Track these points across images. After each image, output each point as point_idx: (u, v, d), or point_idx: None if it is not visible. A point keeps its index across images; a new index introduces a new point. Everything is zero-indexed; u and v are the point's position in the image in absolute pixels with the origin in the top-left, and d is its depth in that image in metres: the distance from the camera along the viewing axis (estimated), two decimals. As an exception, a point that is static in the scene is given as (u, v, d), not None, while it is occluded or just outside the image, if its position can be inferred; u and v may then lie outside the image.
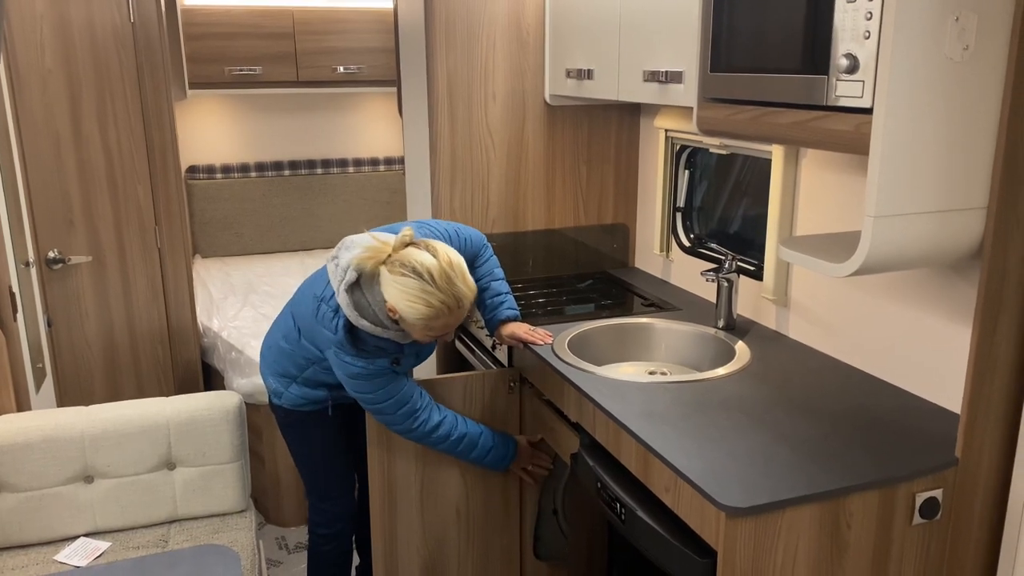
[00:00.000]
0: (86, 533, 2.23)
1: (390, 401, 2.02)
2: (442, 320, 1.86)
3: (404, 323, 1.89)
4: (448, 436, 2.09)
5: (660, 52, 2.01)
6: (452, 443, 2.10)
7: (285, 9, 4.04)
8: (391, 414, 2.04)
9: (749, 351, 2.04)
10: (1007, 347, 1.46)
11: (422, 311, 1.83)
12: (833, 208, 1.95)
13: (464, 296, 1.87)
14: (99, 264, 3.01)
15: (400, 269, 1.83)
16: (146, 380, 3.15)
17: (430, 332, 1.90)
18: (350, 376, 1.99)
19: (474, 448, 2.14)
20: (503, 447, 2.20)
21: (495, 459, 2.19)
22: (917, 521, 1.49)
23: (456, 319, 1.89)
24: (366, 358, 1.96)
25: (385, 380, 2.00)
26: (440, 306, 1.83)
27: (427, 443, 2.10)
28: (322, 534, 2.34)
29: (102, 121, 2.92)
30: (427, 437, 2.08)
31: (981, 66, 1.32)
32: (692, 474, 1.45)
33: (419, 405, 2.06)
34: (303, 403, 2.20)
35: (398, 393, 2.02)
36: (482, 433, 2.16)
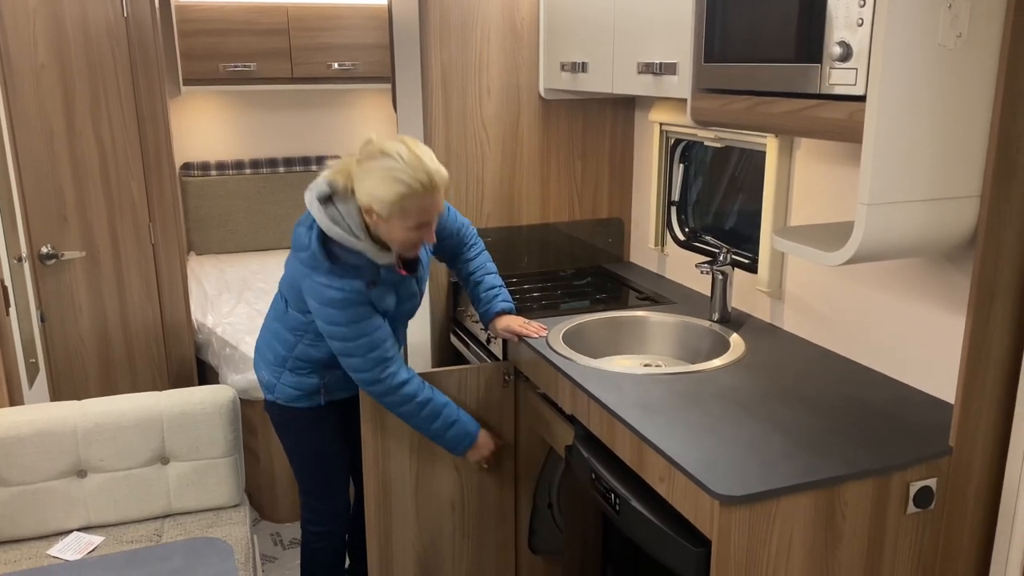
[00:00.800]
0: (79, 528, 2.23)
1: (361, 341, 1.93)
2: (417, 202, 1.82)
3: (381, 218, 1.85)
4: (413, 397, 2.01)
5: (654, 44, 2.01)
6: (416, 406, 2.02)
7: (279, 5, 4.03)
8: (360, 357, 1.95)
9: (744, 343, 2.04)
10: (1000, 336, 1.46)
11: (396, 189, 1.81)
12: (827, 199, 1.95)
13: (435, 173, 1.84)
14: (92, 260, 3.00)
15: (368, 159, 1.84)
16: (140, 376, 3.14)
17: (407, 224, 1.85)
18: (323, 303, 1.91)
19: (436, 418, 2.05)
20: (466, 427, 2.11)
21: (455, 437, 2.10)
22: (911, 510, 1.49)
23: (432, 204, 1.85)
24: (340, 278, 1.90)
25: (359, 312, 1.92)
26: (413, 183, 1.81)
27: (391, 401, 2.01)
28: (314, 532, 2.32)
29: (95, 117, 2.91)
30: (392, 393, 1.99)
31: (974, 53, 1.32)
32: (686, 463, 1.45)
33: (390, 355, 1.98)
34: (296, 396, 2.16)
35: (371, 333, 1.94)
36: (447, 405, 2.08)
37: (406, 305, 2.10)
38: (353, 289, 1.91)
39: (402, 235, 1.88)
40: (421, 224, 1.88)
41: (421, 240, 1.92)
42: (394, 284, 2.02)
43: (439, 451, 2.24)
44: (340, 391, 2.18)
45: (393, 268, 1.97)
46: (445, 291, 2.70)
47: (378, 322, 1.96)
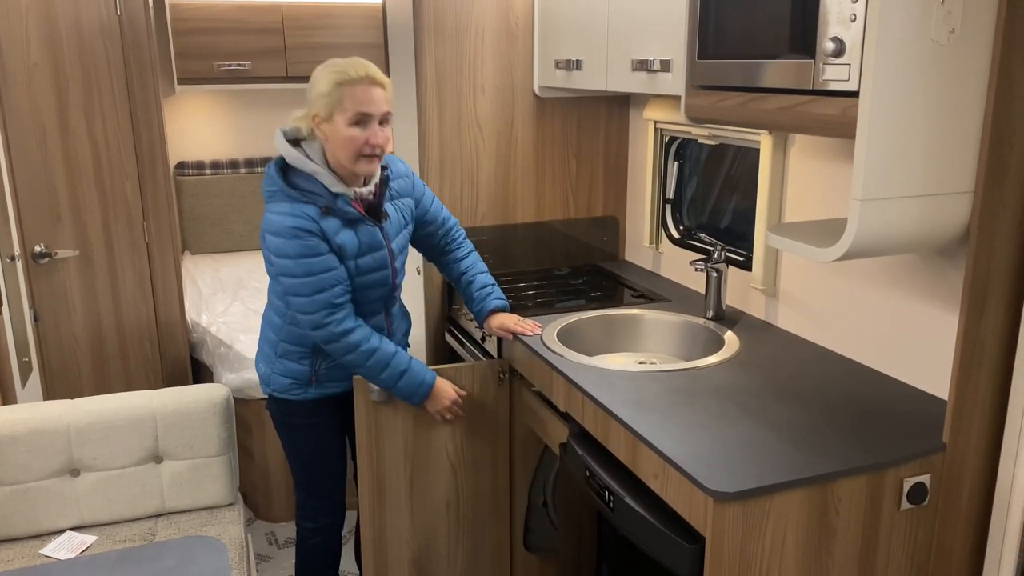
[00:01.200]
0: (72, 527, 2.22)
1: (309, 279, 1.90)
2: (352, 91, 1.86)
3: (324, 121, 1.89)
4: (358, 346, 1.97)
5: (648, 41, 2.01)
6: (361, 355, 1.98)
7: (274, 4, 4.03)
8: (306, 296, 1.92)
9: (738, 340, 2.03)
10: (994, 333, 1.46)
11: (332, 78, 1.88)
12: (821, 196, 1.95)
13: (367, 66, 1.90)
14: (86, 259, 2.99)
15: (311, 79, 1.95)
16: (134, 375, 3.13)
17: (346, 117, 1.87)
18: (275, 233, 1.90)
19: (384, 368, 2.01)
20: (418, 376, 2.07)
21: (408, 387, 2.06)
22: (905, 506, 1.49)
23: (368, 96, 1.88)
24: (292, 203, 1.91)
25: (309, 244, 1.89)
26: (347, 70, 1.88)
27: (335, 349, 1.98)
28: (308, 528, 2.31)
29: (89, 116, 2.90)
30: (336, 340, 1.96)
31: (967, 49, 1.33)
32: (680, 460, 1.45)
33: (338, 301, 1.95)
34: (289, 385, 2.12)
35: (318, 272, 1.91)
36: (396, 354, 2.03)
37: (368, 259, 2.01)
38: (304, 215, 1.90)
39: (345, 134, 1.88)
40: (360, 117, 1.88)
41: (367, 143, 1.89)
42: (353, 224, 1.97)
43: (434, 450, 2.24)
44: (333, 382, 2.14)
45: (349, 202, 1.95)
46: (440, 289, 2.70)
47: (330, 263, 1.93)
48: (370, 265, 2.02)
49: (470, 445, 2.28)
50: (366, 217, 1.99)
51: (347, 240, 1.96)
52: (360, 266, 2.00)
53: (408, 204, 2.16)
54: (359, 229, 1.99)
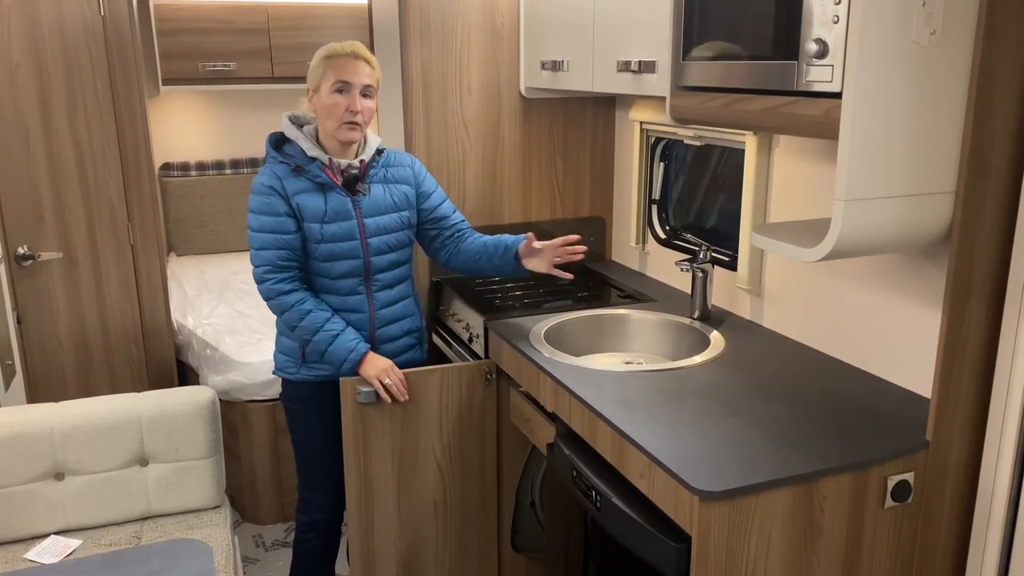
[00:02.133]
0: (57, 531, 2.20)
1: (259, 235, 2.05)
2: (336, 62, 2.03)
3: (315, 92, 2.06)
4: (291, 306, 2.07)
5: (633, 42, 2.02)
6: (295, 314, 2.07)
7: (259, 4, 4.01)
8: (254, 249, 2.07)
9: (724, 340, 2.04)
10: (976, 331, 1.47)
11: (321, 53, 2.07)
12: (805, 196, 1.97)
13: (355, 44, 2.07)
14: (70, 261, 2.97)
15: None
16: (119, 378, 3.11)
17: (329, 85, 2.02)
18: (252, 189, 2.08)
19: (316, 331, 2.07)
20: (349, 343, 2.09)
21: (338, 351, 2.08)
22: (889, 504, 1.50)
23: (351, 66, 2.03)
24: (271, 163, 2.08)
25: (269, 202, 2.04)
26: (334, 46, 2.06)
27: (272, 306, 2.10)
28: (302, 521, 2.33)
29: (72, 116, 2.87)
30: (274, 296, 2.08)
31: (948, 51, 1.34)
32: (666, 459, 1.46)
33: (282, 263, 2.06)
34: (284, 362, 2.21)
35: (268, 231, 2.04)
36: (330, 319, 2.09)
37: (335, 227, 2.08)
38: (271, 171, 2.07)
39: (328, 100, 2.03)
40: (341, 85, 2.02)
41: (348, 110, 2.02)
42: (324, 188, 2.08)
43: (421, 450, 2.24)
44: (319, 363, 2.16)
45: (320, 167, 2.07)
46: (427, 289, 2.70)
47: (282, 225, 2.04)
48: (336, 232, 2.09)
49: (457, 445, 2.28)
50: (337, 185, 2.09)
51: (310, 202, 2.07)
52: (326, 232, 2.08)
53: (404, 191, 2.19)
54: (329, 195, 2.09)
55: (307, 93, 2.11)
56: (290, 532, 3.12)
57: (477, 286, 2.58)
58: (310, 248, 2.09)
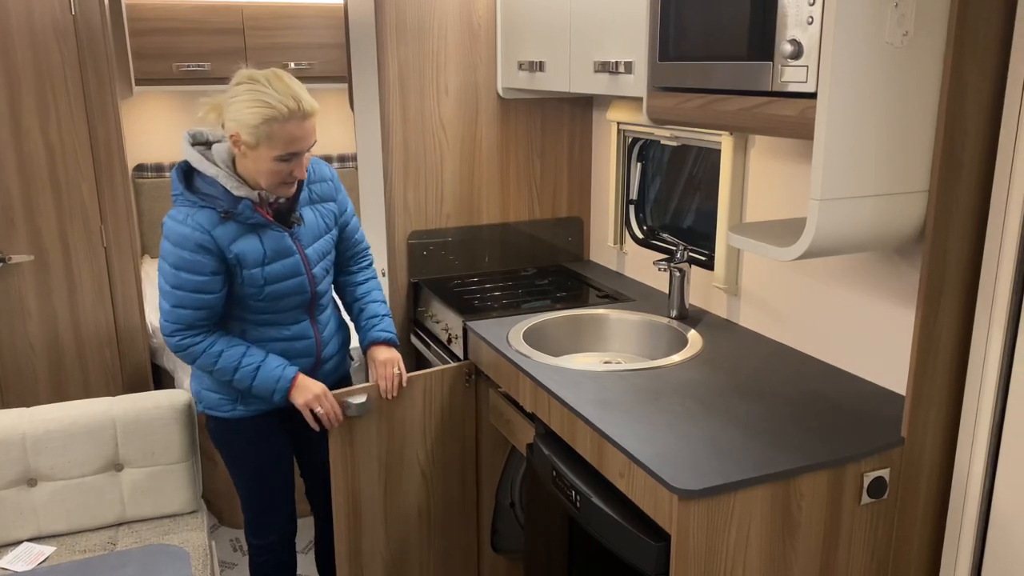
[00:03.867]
0: (30, 537, 2.17)
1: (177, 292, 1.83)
2: (283, 127, 1.76)
3: (248, 147, 1.79)
4: (202, 352, 1.90)
5: (610, 43, 2.02)
6: (206, 358, 1.91)
7: (234, 4, 3.97)
8: (168, 306, 1.86)
9: (701, 339, 2.06)
10: (949, 329, 1.49)
11: (262, 112, 1.75)
12: (781, 196, 1.98)
13: (302, 98, 1.79)
14: (42, 263, 2.92)
15: (235, 86, 1.81)
16: (93, 382, 3.07)
17: (274, 153, 1.79)
18: (166, 236, 1.83)
19: (235, 370, 1.92)
20: (272, 372, 1.94)
21: (263, 384, 1.93)
22: (865, 500, 1.52)
23: (301, 132, 1.79)
24: (188, 206, 1.84)
25: (188, 259, 1.81)
26: (279, 106, 1.75)
27: (183, 357, 1.92)
28: (255, 544, 2.21)
29: (43, 117, 2.83)
30: (183, 350, 1.90)
31: (920, 52, 1.35)
32: (645, 458, 1.46)
33: (199, 324, 1.87)
34: (217, 401, 2.03)
35: (189, 291, 1.83)
36: (245, 353, 1.93)
37: (278, 266, 1.91)
38: (196, 224, 1.82)
39: (270, 166, 1.81)
40: (289, 154, 1.81)
41: (290, 174, 1.84)
42: (258, 228, 1.89)
43: (407, 458, 2.21)
44: (260, 398, 2.00)
45: (252, 206, 1.85)
46: (405, 291, 2.69)
47: (206, 286, 1.84)
48: (280, 272, 1.93)
49: (440, 449, 2.27)
50: (272, 222, 1.91)
51: (247, 248, 1.88)
52: (268, 274, 1.91)
53: (331, 209, 2.06)
54: (264, 235, 1.90)
55: (231, 136, 1.81)
56: (268, 536, 3.10)
57: (456, 287, 2.58)
58: (249, 292, 1.91)
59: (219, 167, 1.86)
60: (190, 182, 1.88)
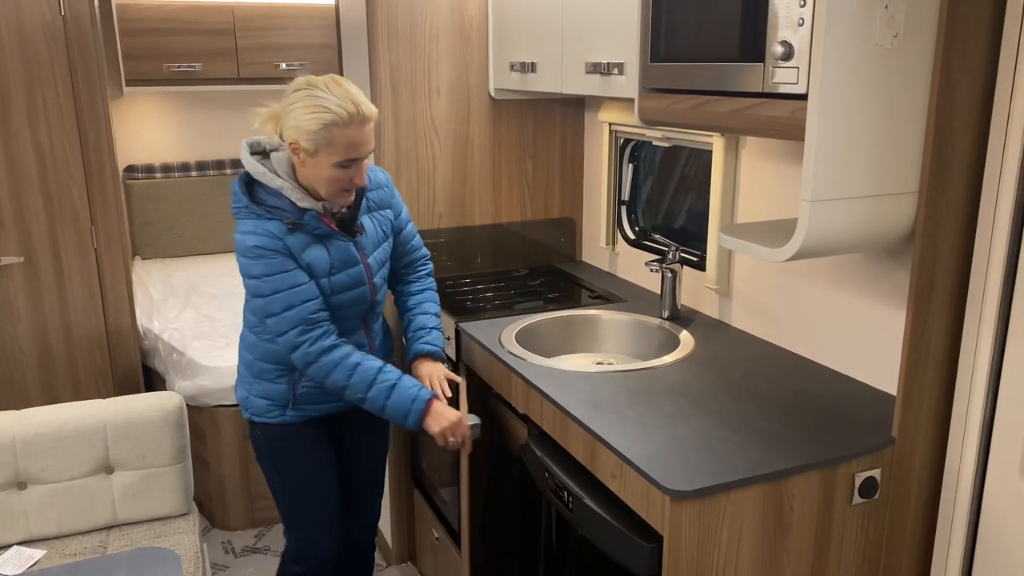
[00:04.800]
0: (20, 541, 2.16)
1: (278, 296, 1.80)
2: (343, 132, 1.74)
3: (307, 154, 1.77)
4: (336, 364, 1.84)
5: (602, 44, 2.02)
6: (342, 371, 1.84)
7: (225, 5, 3.97)
8: (277, 315, 1.81)
9: (693, 340, 2.06)
10: (939, 329, 1.50)
11: (321, 118, 1.73)
12: (772, 197, 1.98)
13: (361, 102, 1.77)
14: (31, 265, 2.91)
15: (293, 92, 1.79)
16: (84, 385, 3.06)
17: (334, 159, 1.76)
18: (242, 252, 1.81)
19: (370, 384, 1.85)
20: (408, 391, 1.87)
21: (399, 403, 1.86)
22: (857, 500, 1.52)
23: (360, 138, 1.77)
24: (256, 219, 1.81)
25: (275, 262, 1.80)
26: (339, 111, 1.73)
27: (316, 370, 1.84)
28: (293, 572, 2.10)
29: (32, 118, 2.82)
30: (315, 359, 1.83)
31: (910, 53, 1.36)
32: (637, 459, 1.46)
33: (313, 316, 1.82)
34: (266, 407, 1.99)
35: (287, 288, 1.80)
36: (381, 370, 1.86)
37: (343, 276, 1.89)
38: (268, 232, 1.80)
39: (329, 173, 1.78)
40: (349, 160, 1.78)
41: (350, 181, 1.81)
42: (324, 239, 1.87)
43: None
44: (313, 404, 1.99)
45: (317, 217, 1.84)
46: (397, 293, 2.68)
47: (299, 278, 1.82)
48: (345, 282, 1.90)
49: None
50: (337, 232, 1.88)
51: (317, 257, 1.86)
52: (335, 284, 1.89)
53: (387, 216, 2.04)
54: (331, 244, 1.88)
55: (289, 144, 1.80)
56: (260, 537, 3.09)
57: (448, 288, 2.57)
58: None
59: (283, 179, 1.83)
60: (252, 194, 1.85)
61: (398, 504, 2.77)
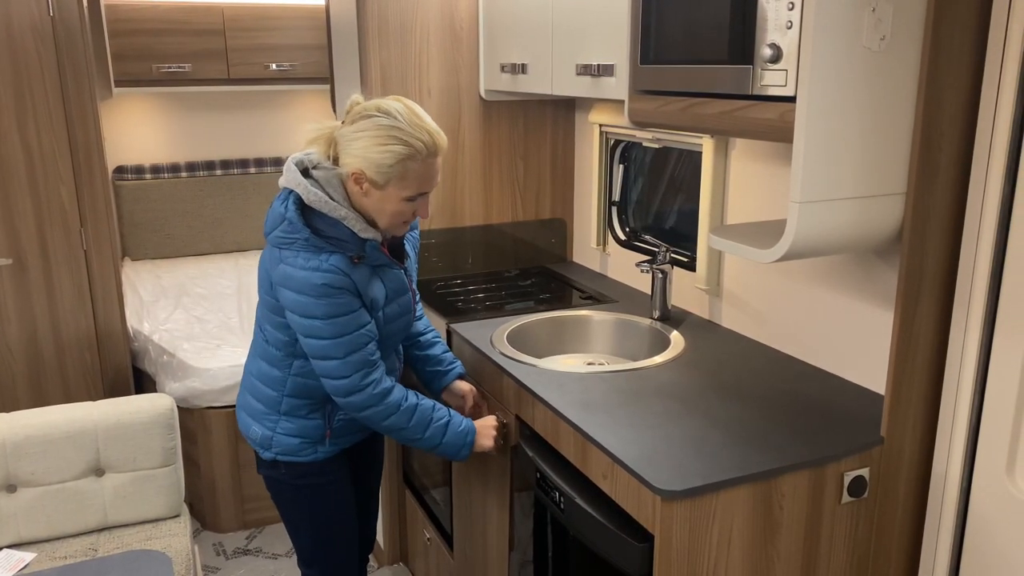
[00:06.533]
0: (9, 544, 2.15)
1: (343, 339, 1.67)
2: (418, 166, 1.63)
3: (374, 186, 1.64)
4: (399, 406, 1.76)
5: (592, 46, 2.03)
6: (403, 416, 1.76)
7: (215, 5, 3.95)
8: (339, 359, 1.68)
9: (683, 340, 2.07)
10: (927, 329, 1.51)
11: (398, 151, 1.61)
12: (762, 198, 2.00)
13: (436, 135, 1.65)
14: (20, 267, 2.90)
15: (361, 119, 1.64)
16: (73, 387, 3.05)
17: (405, 193, 1.65)
18: (298, 290, 1.65)
19: (427, 425, 1.79)
20: (460, 423, 1.86)
21: (454, 439, 1.83)
22: (846, 499, 1.53)
23: (433, 170, 1.67)
24: (318, 253, 1.65)
25: (340, 303, 1.65)
26: (416, 143, 1.61)
27: (374, 413, 1.75)
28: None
29: (21, 119, 2.81)
30: (376, 403, 1.74)
31: (897, 56, 1.37)
32: (628, 460, 1.47)
33: (373, 358, 1.73)
34: (298, 446, 1.85)
35: (354, 331, 1.68)
36: (435, 407, 1.83)
37: (395, 306, 1.81)
38: (333, 267, 1.65)
39: (396, 207, 1.67)
40: (420, 194, 1.67)
41: (413, 214, 1.71)
42: (379, 269, 1.76)
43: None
44: (347, 435, 1.90)
45: (378, 247, 1.72)
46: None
47: (362, 319, 1.70)
48: (396, 312, 1.82)
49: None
50: (393, 261, 1.79)
51: (376, 291, 1.75)
52: (388, 315, 1.79)
53: (416, 237, 1.97)
54: (385, 275, 1.78)
55: (353, 174, 1.65)
56: (251, 539, 3.09)
57: (439, 289, 2.58)
58: None
59: (345, 208, 1.68)
60: (309, 222, 1.68)
61: (390, 505, 2.77)
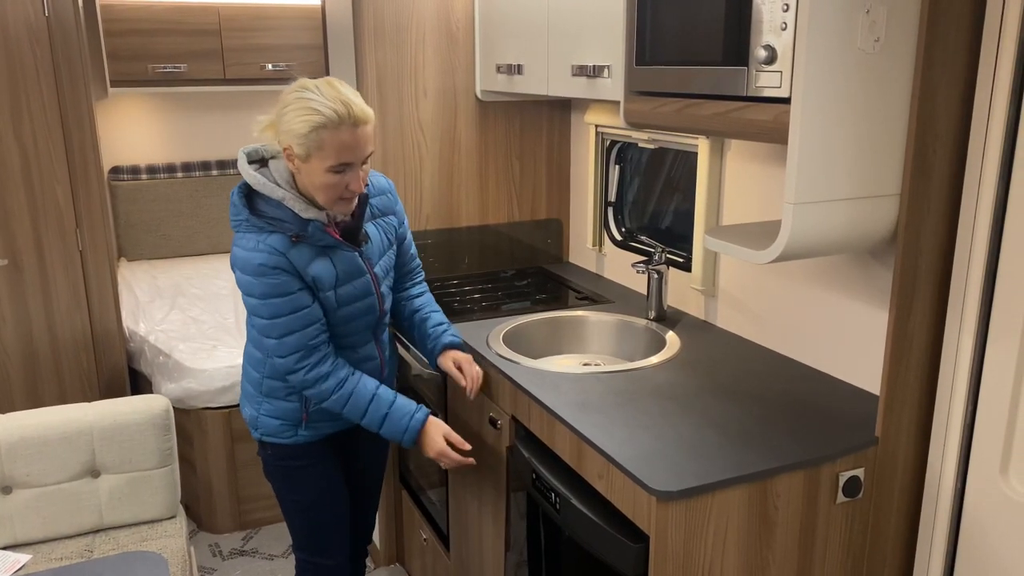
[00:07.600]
0: (5, 546, 2.15)
1: (277, 321, 1.75)
2: (334, 135, 1.66)
3: (300, 159, 1.70)
4: (331, 392, 1.82)
5: (587, 47, 2.03)
6: (335, 401, 1.83)
7: (210, 5, 3.95)
8: (276, 339, 1.76)
9: (679, 340, 2.07)
10: (921, 329, 1.52)
11: (311, 120, 1.66)
12: (757, 199, 2.00)
13: (352, 105, 1.68)
14: (15, 267, 2.89)
15: (283, 100, 1.73)
16: (69, 388, 3.04)
17: (326, 163, 1.68)
18: (241, 268, 1.73)
19: (363, 412, 1.85)
20: (402, 416, 1.87)
21: (392, 430, 1.87)
22: (841, 499, 1.54)
23: (352, 140, 1.69)
24: (258, 233, 1.73)
25: (276, 283, 1.72)
26: (328, 112, 1.66)
27: (312, 395, 1.84)
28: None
29: (16, 119, 2.80)
30: (311, 385, 1.81)
31: (891, 58, 1.37)
32: (624, 460, 1.47)
33: (312, 342, 1.78)
34: (278, 427, 1.93)
35: (288, 313, 1.74)
36: (375, 395, 1.86)
37: (349, 287, 1.84)
38: (269, 247, 1.72)
39: (323, 179, 1.70)
40: (342, 164, 1.70)
41: (346, 187, 1.73)
42: (328, 250, 1.80)
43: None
44: (326, 422, 1.95)
45: (322, 227, 1.77)
46: (384, 294, 2.68)
47: (300, 302, 1.76)
48: (352, 294, 1.85)
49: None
50: (343, 242, 1.82)
51: (322, 271, 1.79)
52: (341, 296, 1.83)
53: (392, 223, 1.99)
54: (336, 256, 1.81)
55: (285, 150, 1.73)
56: (248, 540, 3.09)
57: (435, 289, 2.58)
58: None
59: (285, 189, 1.75)
60: (252, 205, 1.77)
61: (386, 506, 2.77)
